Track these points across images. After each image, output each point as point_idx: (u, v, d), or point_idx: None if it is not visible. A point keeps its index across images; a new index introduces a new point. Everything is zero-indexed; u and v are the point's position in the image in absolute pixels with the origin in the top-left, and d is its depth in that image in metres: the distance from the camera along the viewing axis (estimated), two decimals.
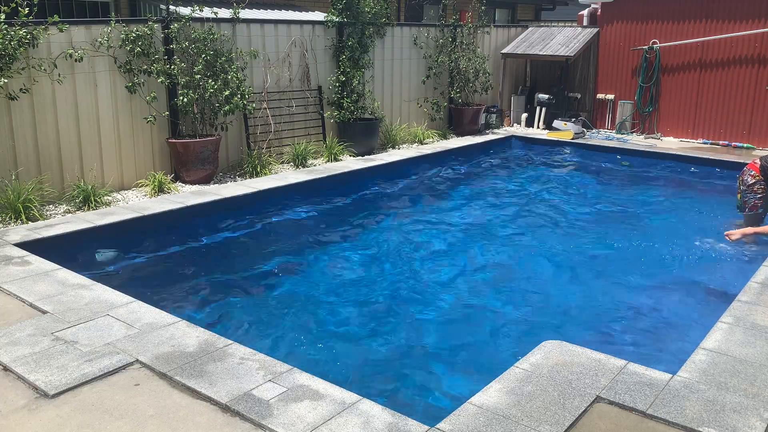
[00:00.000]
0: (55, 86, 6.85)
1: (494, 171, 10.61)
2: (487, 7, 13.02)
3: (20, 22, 6.36)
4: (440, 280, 5.87)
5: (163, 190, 7.43)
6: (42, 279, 4.75)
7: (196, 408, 3.16)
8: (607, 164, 10.77)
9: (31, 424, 3.03)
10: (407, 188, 9.26)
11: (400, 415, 3.07)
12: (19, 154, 6.68)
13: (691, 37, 11.39)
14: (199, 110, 8.01)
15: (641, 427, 3.04)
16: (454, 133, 11.86)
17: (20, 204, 6.21)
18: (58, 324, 4.02)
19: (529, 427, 2.99)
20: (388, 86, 10.97)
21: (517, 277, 6.00)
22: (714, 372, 3.49)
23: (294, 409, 3.11)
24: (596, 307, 5.32)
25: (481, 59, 12.01)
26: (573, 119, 12.27)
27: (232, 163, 8.73)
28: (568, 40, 12.61)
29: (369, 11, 9.97)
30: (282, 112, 9.29)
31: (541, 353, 3.69)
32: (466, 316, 5.15)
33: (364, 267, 6.21)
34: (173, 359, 3.59)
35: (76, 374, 3.43)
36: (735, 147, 11.08)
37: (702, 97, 11.48)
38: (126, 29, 7.36)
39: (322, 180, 8.33)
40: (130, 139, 7.65)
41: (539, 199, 8.78)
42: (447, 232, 7.28)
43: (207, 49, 7.93)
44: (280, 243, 6.91)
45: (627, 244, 6.79)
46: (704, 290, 5.64)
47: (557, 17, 21.56)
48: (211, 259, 6.35)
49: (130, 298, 4.43)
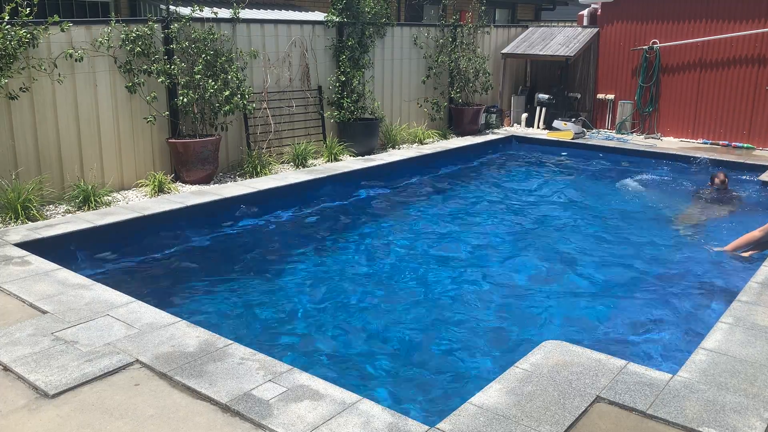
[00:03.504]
0: (55, 86, 6.85)
1: (494, 171, 10.61)
2: (487, 7, 13.03)
3: (20, 21, 6.36)
4: (440, 280, 5.88)
5: (163, 190, 7.43)
6: (42, 279, 4.75)
7: (196, 408, 3.16)
8: (607, 164, 10.77)
9: (31, 424, 3.03)
10: (407, 188, 9.26)
11: (400, 415, 3.07)
12: (19, 154, 6.68)
13: (691, 37, 11.39)
14: (199, 110, 8.01)
15: (641, 427, 3.04)
16: (454, 133, 11.87)
17: (20, 204, 6.21)
18: (58, 324, 4.02)
19: (529, 427, 2.99)
20: (388, 86, 10.96)
21: (517, 276, 5.99)
22: (714, 372, 3.50)
23: (294, 409, 3.11)
24: (596, 307, 5.32)
25: (481, 59, 12.02)
26: (573, 119, 12.27)
27: (232, 163, 8.73)
28: (568, 40, 12.61)
29: (369, 11, 9.97)
30: (282, 112, 9.29)
31: (541, 353, 3.69)
32: (466, 315, 5.15)
33: (365, 266, 6.21)
34: (173, 359, 3.59)
35: (76, 374, 3.43)
36: (735, 147, 11.08)
37: (702, 97, 11.48)
38: (126, 29, 7.36)
39: (322, 180, 8.33)
40: (130, 139, 7.65)
41: (539, 198, 8.79)
42: (447, 231, 7.29)
43: (207, 49, 7.93)
44: (280, 243, 6.91)
45: (627, 244, 6.80)
46: (704, 290, 5.64)
47: (557, 17, 21.56)
48: (211, 259, 6.35)
49: (130, 298, 4.44)
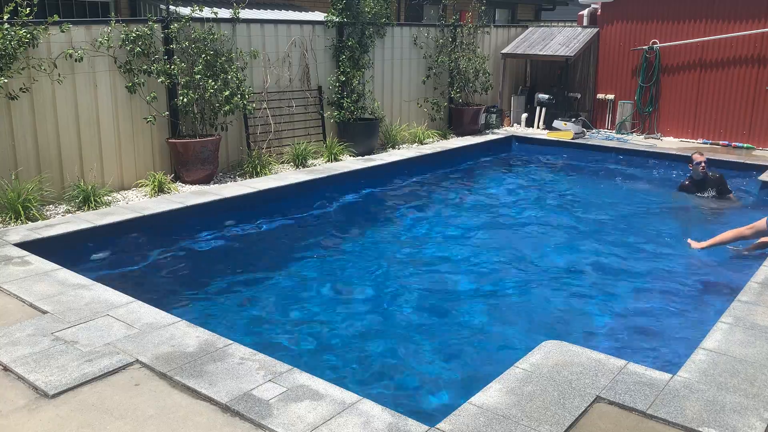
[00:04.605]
0: (55, 86, 6.85)
1: (494, 171, 10.61)
2: (487, 7, 13.03)
3: (20, 21, 6.36)
4: (440, 279, 5.87)
5: (163, 190, 7.43)
6: (42, 279, 4.75)
7: (196, 408, 3.16)
8: (606, 164, 10.77)
9: (31, 424, 3.03)
10: (407, 188, 9.26)
11: (400, 415, 3.07)
12: (19, 154, 6.68)
13: (691, 37, 11.39)
14: (199, 110, 8.01)
15: (641, 427, 3.04)
16: (454, 133, 11.86)
17: (20, 204, 6.20)
18: (58, 324, 4.02)
19: (529, 427, 2.99)
20: (388, 86, 10.96)
21: (517, 276, 5.99)
22: (714, 372, 3.50)
23: (294, 409, 3.11)
24: (596, 306, 5.32)
25: (481, 59, 12.01)
26: (573, 119, 12.26)
27: (232, 163, 8.73)
28: (568, 40, 12.60)
29: (369, 11, 9.96)
30: (282, 112, 9.29)
31: (541, 353, 3.69)
32: (466, 315, 5.15)
33: (365, 266, 6.21)
34: (173, 359, 3.59)
35: (76, 374, 3.43)
36: (735, 147, 11.08)
37: (702, 97, 11.48)
38: (126, 29, 7.36)
39: (322, 180, 8.33)
40: (130, 138, 7.65)
41: (539, 198, 8.79)
42: (447, 231, 7.29)
43: (207, 49, 7.93)
44: (280, 243, 6.91)
45: (628, 244, 6.80)
46: (704, 290, 5.65)
47: (557, 17, 21.56)
48: (211, 259, 6.35)
49: (130, 298, 4.44)
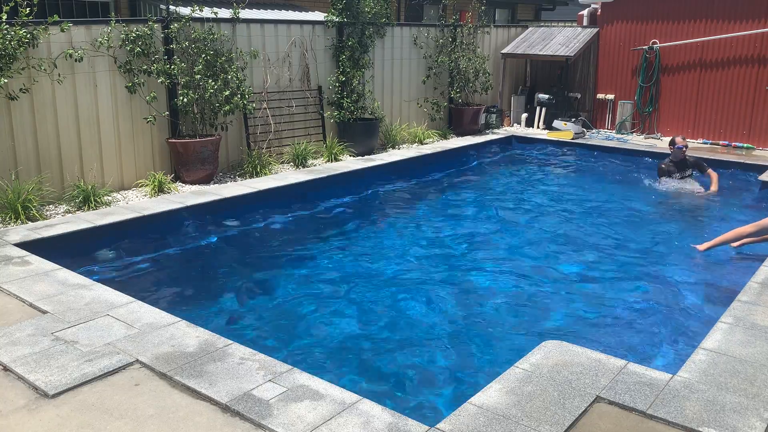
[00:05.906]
0: (55, 86, 6.85)
1: (494, 171, 10.61)
2: (487, 7, 13.03)
3: (20, 21, 6.36)
4: (439, 279, 5.87)
5: (163, 190, 7.43)
6: (42, 279, 4.75)
7: (196, 408, 3.16)
8: (606, 164, 10.76)
9: (31, 424, 3.03)
10: (407, 188, 9.26)
11: (400, 415, 3.07)
12: (19, 154, 6.68)
13: (691, 37, 11.39)
14: (199, 110, 8.01)
15: (641, 427, 3.04)
16: (454, 133, 11.86)
17: (20, 204, 6.20)
18: (58, 324, 4.02)
19: (529, 427, 2.99)
20: (388, 86, 10.96)
21: (517, 276, 5.99)
22: (714, 372, 3.50)
23: (294, 409, 3.11)
24: (596, 306, 5.32)
25: (481, 59, 12.01)
26: (573, 119, 12.27)
27: (232, 163, 8.73)
28: (568, 40, 12.61)
29: (369, 11, 9.97)
30: (282, 112, 9.29)
31: (541, 353, 3.69)
32: (466, 315, 5.15)
33: (366, 266, 6.21)
34: (173, 359, 3.59)
35: (76, 374, 3.43)
36: (735, 147, 11.08)
37: (702, 97, 11.48)
38: (126, 29, 7.36)
39: (322, 180, 8.33)
40: (130, 138, 7.65)
41: (539, 198, 8.78)
42: (446, 231, 7.28)
43: (207, 49, 7.93)
44: (280, 243, 6.91)
45: (628, 244, 6.79)
46: (704, 290, 5.64)
47: (557, 17, 21.57)
48: (211, 259, 6.35)
49: (130, 298, 4.43)
